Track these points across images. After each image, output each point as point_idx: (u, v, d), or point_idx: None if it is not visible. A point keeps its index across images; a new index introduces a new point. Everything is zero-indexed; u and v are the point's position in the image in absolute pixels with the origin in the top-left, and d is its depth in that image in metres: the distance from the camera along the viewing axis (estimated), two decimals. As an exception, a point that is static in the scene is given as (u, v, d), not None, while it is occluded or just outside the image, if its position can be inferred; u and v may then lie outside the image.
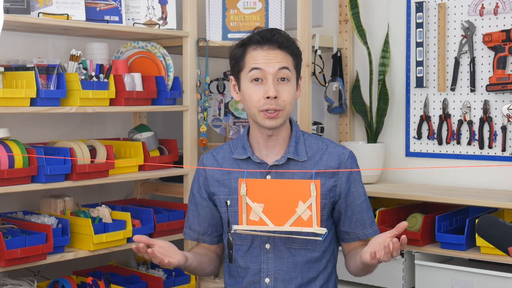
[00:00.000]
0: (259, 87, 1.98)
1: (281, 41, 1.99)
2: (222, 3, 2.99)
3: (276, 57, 1.98)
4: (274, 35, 1.99)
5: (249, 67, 1.99)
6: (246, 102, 2.02)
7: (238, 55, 2.02)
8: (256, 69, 1.97)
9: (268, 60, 1.97)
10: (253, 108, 1.99)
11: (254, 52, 1.99)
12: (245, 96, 2.01)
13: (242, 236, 2.01)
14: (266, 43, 1.98)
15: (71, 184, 2.49)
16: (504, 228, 1.71)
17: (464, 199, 2.65)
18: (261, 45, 1.99)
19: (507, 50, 2.78)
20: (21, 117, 2.81)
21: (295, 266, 2.03)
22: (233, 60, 2.05)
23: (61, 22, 2.51)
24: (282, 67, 1.98)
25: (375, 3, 3.24)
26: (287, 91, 1.99)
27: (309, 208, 1.86)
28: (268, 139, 2.05)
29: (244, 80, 2.01)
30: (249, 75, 1.99)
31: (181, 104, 2.93)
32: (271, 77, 1.97)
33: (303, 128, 2.87)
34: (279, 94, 1.97)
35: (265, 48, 1.98)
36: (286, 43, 2.00)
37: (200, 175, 2.14)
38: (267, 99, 1.96)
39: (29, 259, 2.34)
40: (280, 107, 1.98)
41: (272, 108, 1.97)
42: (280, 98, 1.97)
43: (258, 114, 1.99)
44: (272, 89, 1.96)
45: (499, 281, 2.47)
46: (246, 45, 2.01)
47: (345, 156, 2.08)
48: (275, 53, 1.98)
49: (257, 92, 1.98)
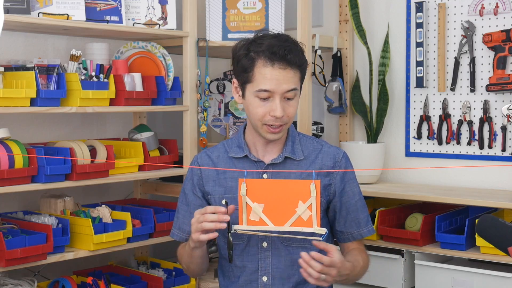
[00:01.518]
0: (265, 103, 1.96)
1: (294, 61, 1.95)
2: (222, 3, 2.99)
3: (286, 76, 1.94)
4: (287, 54, 1.93)
5: (257, 85, 1.95)
6: (250, 113, 2.01)
7: (247, 66, 1.97)
8: (265, 91, 1.95)
9: (277, 81, 1.94)
10: (256, 121, 1.99)
11: (264, 69, 1.94)
12: (250, 108, 2.00)
13: (238, 235, 2.01)
14: (278, 61, 1.93)
15: (71, 184, 2.49)
16: (504, 228, 1.71)
17: (464, 199, 2.65)
18: (272, 63, 1.93)
19: (507, 50, 2.78)
20: (21, 117, 2.81)
21: (292, 264, 2.03)
22: (239, 68, 2.00)
23: (61, 22, 2.51)
24: (291, 89, 1.96)
25: (375, 3, 3.24)
26: (292, 107, 1.99)
27: (309, 208, 1.86)
28: (266, 141, 2.06)
29: (250, 92, 1.99)
30: (256, 93, 1.96)
31: (181, 104, 2.93)
32: (278, 96, 1.95)
33: (303, 129, 2.87)
34: (284, 111, 1.97)
35: (276, 67, 1.93)
36: (298, 62, 1.96)
37: (194, 174, 2.12)
38: (272, 117, 1.97)
39: (29, 259, 2.34)
40: (284, 122, 1.99)
41: (277, 124, 1.98)
42: (285, 115, 1.98)
43: (261, 126, 2.00)
44: (279, 109, 1.95)
45: (499, 281, 2.47)
46: (256, 58, 1.95)
47: (339, 156, 2.09)
48: (286, 72, 1.94)
49: (262, 108, 1.97)
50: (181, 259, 2.16)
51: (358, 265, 2.01)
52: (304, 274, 1.85)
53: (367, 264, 2.10)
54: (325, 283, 1.88)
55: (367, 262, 2.10)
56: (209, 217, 1.88)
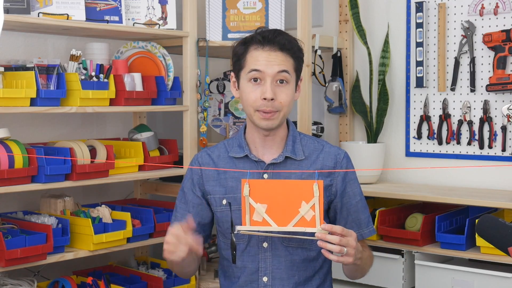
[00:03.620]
0: (257, 87, 1.99)
1: (282, 43, 1.99)
2: (222, 3, 2.99)
3: (277, 59, 1.98)
4: (276, 36, 1.99)
5: (249, 67, 2.00)
6: (243, 101, 2.04)
7: (240, 53, 2.03)
8: (256, 71, 1.98)
9: (268, 61, 1.98)
10: (249, 107, 2.01)
11: (255, 52, 1.99)
12: (243, 95, 2.03)
13: (239, 235, 2.01)
14: (268, 44, 1.98)
15: (71, 184, 2.49)
16: (504, 228, 1.71)
17: (464, 199, 2.65)
18: (262, 46, 1.99)
19: (507, 50, 2.78)
20: (21, 117, 2.81)
21: (292, 264, 2.03)
22: (234, 57, 2.06)
23: (61, 22, 2.51)
24: (281, 70, 1.98)
25: (375, 3, 3.24)
26: (284, 93, 2.00)
27: (312, 208, 1.85)
28: (265, 139, 2.06)
29: (243, 78, 2.02)
30: (248, 75, 2.00)
31: (181, 104, 2.93)
32: (269, 78, 1.97)
33: (303, 129, 2.87)
34: (276, 96, 1.98)
35: (266, 49, 1.98)
36: (287, 45, 2.00)
37: (194, 173, 2.12)
38: (263, 100, 1.97)
39: (29, 259, 2.34)
40: (276, 108, 1.99)
41: (268, 109, 1.98)
42: (277, 100, 1.98)
43: (254, 113, 2.00)
44: (269, 90, 1.96)
45: (499, 281, 2.47)
46: (248, 44, 2.02)
47: (340, 156, 2.09)
48: (276, 55, 1.98)
49: (254, 92, 1.99)
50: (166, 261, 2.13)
51: (364, 253, 2.01)
52: (326, 254, 1.83)
53: (372, 257, 2.11)
54: (349, 257, 1.84)
55: (371, 256, 2.11)
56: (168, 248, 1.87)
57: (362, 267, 2.03)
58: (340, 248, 1.82)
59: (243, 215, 1.89)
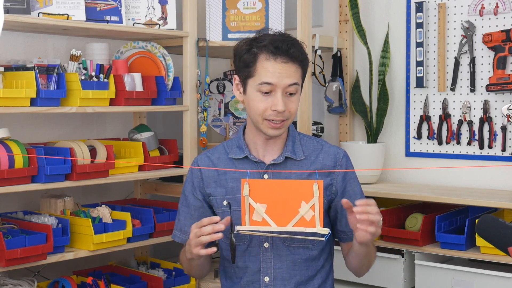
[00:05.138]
0: (266, 98, 1.97)
1: (296, 56, 1.97)
2: (222, 3, 2.99)
3: (288, 70, 1.96)
4: (289, 48, 1.95)
5: (259, 79, 1.96)
6: (251, 109, 2.01)
7: (249, 61, 1.98)
8: (267, 84, 1.96)
9: (280, 74, 1.95)
10: (257, 116, 1.99)
11: (267, 63, 1.96)
12: (251, 103, 2.01)
13: (240, 236, 2.01)
14: (281, 55, 1.95)
15: (71, 184, 2.49)
16: (504, 228, 1.71)
17: (464, 199, 2.65)
18: (274, 57, 1.95)
19: (507, 50, 2.78)
20: (21, 117, 2.81)
21: (293, 264, 2.03)
22: (241, 63, 2.01)
23: (61, 22, 2.51)
24: (292, 83, 1.97)
25: (375, 3, 3.24)
26: (294, 102, 2.00)
27: (312, 208, 1.86)
28: (267, 142, 2.06)
29: (252, 87, 1.99)
30: (258, 86, 1.97)
31: (181, 104, 2.93)
32: (280, 90, 1.96)
33: (303, 129, 2.87)
34: (286, 107, 1.97)
35: (278, 61, 1.95)
36: (300, 57, 1.98)
37: (194, 177, 2.12)
38: (273, 111, 1.97)
39: (29, 259, 2.34)
40: (285, 118, 1.99)
41: (279, 119, 1.98)
42: (287, 110, 1.98)
43: (262, 122, 2.00)
44: (281, 103, 1.95)
45: (499, 281, 2.47)
46: (258, 53, 1.97)
47: (340, 156, 2.09)
48: (288, 66, 1.96)
49: (264, 102, 1.97)
50: (182, 263, 2.17)
51: None
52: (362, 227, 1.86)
53: (375, 251, 2.13)
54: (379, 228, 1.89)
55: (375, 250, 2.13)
56: (205, 230, 1.89)
57: (369, 257, 2.05)
58: (380, 217, 1.86)
59: (242, 215, 1.89)
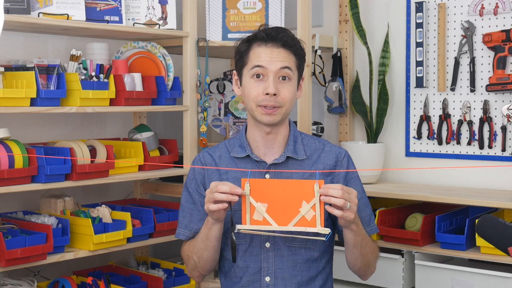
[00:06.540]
0: (259, 83, 2.00)
1: (285, 40, 2.01)
2: (222, 3, 2.99)
3: (279, 55, 2.00)
4: (279, 33, 2.01)
5: (251, 64, 2.01)
6: (245, 97, 2.04)
7: (243, 51, 2.04)
8: (258, 67, 2.00)
9: (271, 58, 1.99)
10: (251, 103, 2.02)
11: (258, 49, 2.01)
12: (245, 91, 2.04)
13: (241, 235, 2.01)
14: (271, 40, 2.00)
15: (71, 184, 2.49)
16: (504, 228, 1.71)
17: (464, 199, 2.65)
18: (265, 42, 2.01)
19: (507, 50, 2.78)
20: (21, 117, 2.81)
21: (294, 264, 2.03)
22: (237, 55, 2.07)
23: (61, 22, 2.51)
24: (284, 67, 2.00)
25: (375, 3, 3.24)
26: (287, 89, 2.01)
27: (312, 208, 1.85)
28: (267, 137, 2.06)
29: (246, 75, 2.03)
30: (251, 71, 2.01)
31: (181, 104, 2.93)
32: (272, 74, 1.99)
33: (303, 128, 2.87)
34: (278, 91, 1.99)
35: (269, 46, 2.00)
36: (290, 42, 2.02)
37: (197, 174, 2.12)
38: (266, 95, 1.98)
39: (29, 259, 2.34)
40: (279, 104, 2.00)
41: (271, 104, 1.99)
42: (280, 95, 1.99)
43: (256, 109, 2.01)
44: (272, 86, 1.98)
45: (499, 281, 2.47)
46: (251, 41, 2.04)
47: (341, 155, 2.10)
48: (279, 51, 2.00)
49: (256, 88, 2.00)
50: (190, 254, 2.10)
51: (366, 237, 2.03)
52: (330, 209, 1.85)
53: (376, 248, 2.11)
54: (351, 213, 1.87)
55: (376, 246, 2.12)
56: (222, 187, 1.88)
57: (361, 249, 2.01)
58: (344, 201, 1.84)
59: (243, 214, 1.88)
